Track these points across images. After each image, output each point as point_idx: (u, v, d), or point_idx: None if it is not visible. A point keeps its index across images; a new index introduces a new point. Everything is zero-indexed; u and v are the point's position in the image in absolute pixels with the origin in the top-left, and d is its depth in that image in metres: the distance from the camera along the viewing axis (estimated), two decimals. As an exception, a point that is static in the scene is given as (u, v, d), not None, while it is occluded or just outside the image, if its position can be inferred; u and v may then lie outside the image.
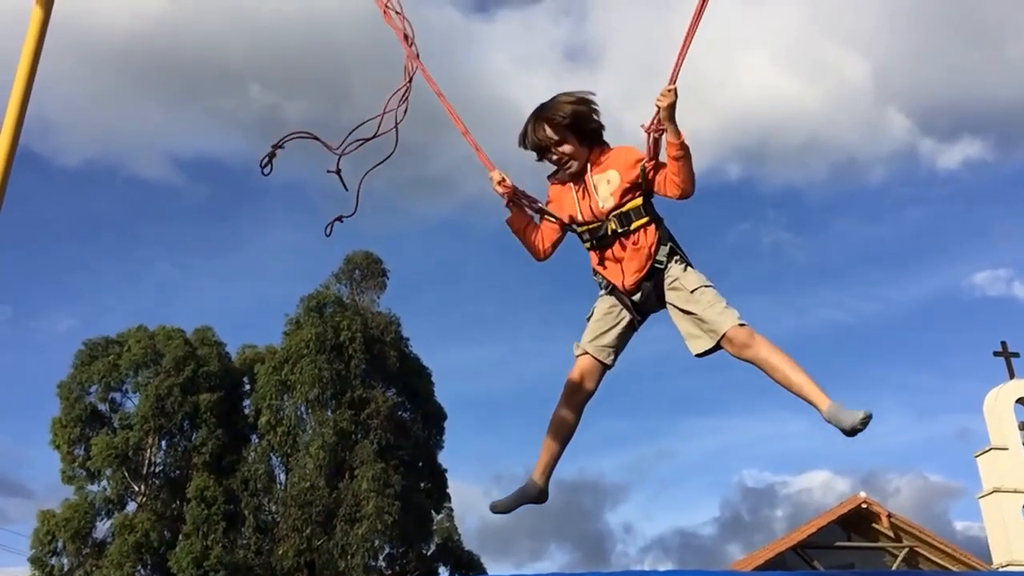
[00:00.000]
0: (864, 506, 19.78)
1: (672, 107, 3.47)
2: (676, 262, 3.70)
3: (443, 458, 27.70)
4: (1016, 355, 19.44)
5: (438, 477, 27.29)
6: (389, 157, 4.00)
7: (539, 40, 62.47)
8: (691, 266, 3.72)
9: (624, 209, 3.69)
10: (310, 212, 43.77)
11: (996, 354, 19.48)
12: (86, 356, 26.24)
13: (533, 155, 3.85)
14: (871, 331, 57.10)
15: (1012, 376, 19.24)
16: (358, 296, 27.79)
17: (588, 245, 3.80)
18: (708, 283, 3.66)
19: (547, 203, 3.88)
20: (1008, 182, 57.81)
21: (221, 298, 49.60)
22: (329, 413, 25.31)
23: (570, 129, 3.70)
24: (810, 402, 3.38)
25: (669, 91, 3.47)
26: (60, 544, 24.17)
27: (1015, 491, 18.13)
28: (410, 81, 3.96)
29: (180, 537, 23.90)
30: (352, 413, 25.14)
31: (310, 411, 25.60)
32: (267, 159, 3.89)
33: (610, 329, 3.76)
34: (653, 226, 3.70)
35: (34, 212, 41.76)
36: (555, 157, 3.77)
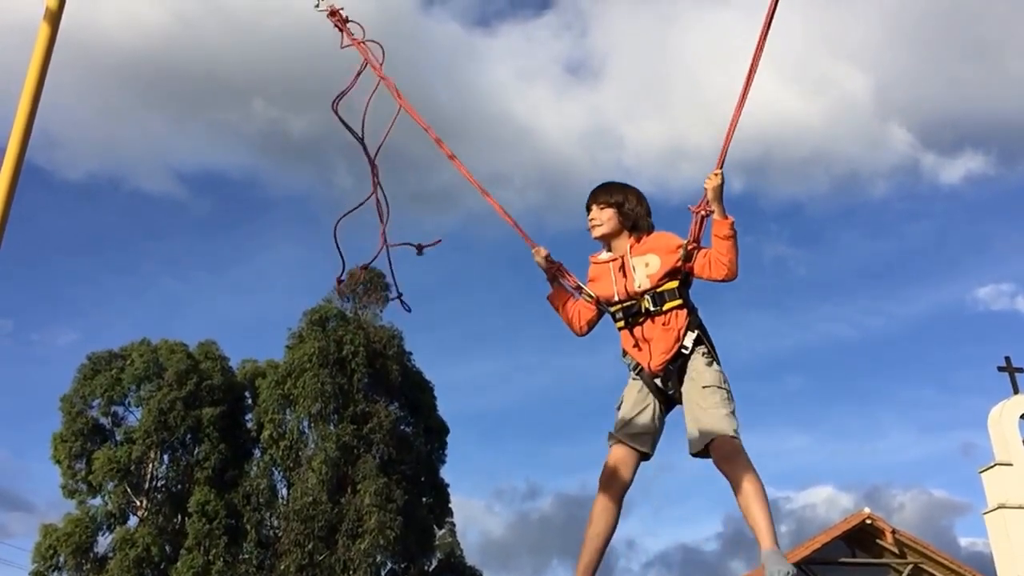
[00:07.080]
0: (868, 522, 19.65)
1: (720, 189, 3.61)
2: (703, 354, 3.73)
3: (445, 473, 27.71)
4: (1020, 370, 19.33)
5: (440, 492, 27.23)
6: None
7: (541, 54, 62.76)
8: (716, 362, 3.74)
9: (659, 290, 3.77)
10: (313, 226, 43.82)
11: (1000, 369, 19.39)
12: (89, 370, 26.23)
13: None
14: (874, 346, 57.06)
15: (1016, 391, 19.14)
16: (360, 310, 27.80)
17: (620, 324, 3.85)
18: (723, 384, 3.67)
19: (587, 281, 3.99)
20: (1011, 196, 57.82)
21: (224, 312, 49.63)
22: (331, 427, 25.27)
23: (616, 206, 3.92)
24: (756, 535, 3.38)
25: (716, 175, 3.61)
26: (61, 558, 24.09)
27: (1020, 507, 18.02)
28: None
29: (181, 552, 23.82)
30: (354, 427, 25.10)
31: (312, 425, 25.56)
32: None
33: (639, 414, 3.75)
34: (685, 311, 3.76)
35: (37, 225, 41.83)
36: (589, 217, 3.98)
